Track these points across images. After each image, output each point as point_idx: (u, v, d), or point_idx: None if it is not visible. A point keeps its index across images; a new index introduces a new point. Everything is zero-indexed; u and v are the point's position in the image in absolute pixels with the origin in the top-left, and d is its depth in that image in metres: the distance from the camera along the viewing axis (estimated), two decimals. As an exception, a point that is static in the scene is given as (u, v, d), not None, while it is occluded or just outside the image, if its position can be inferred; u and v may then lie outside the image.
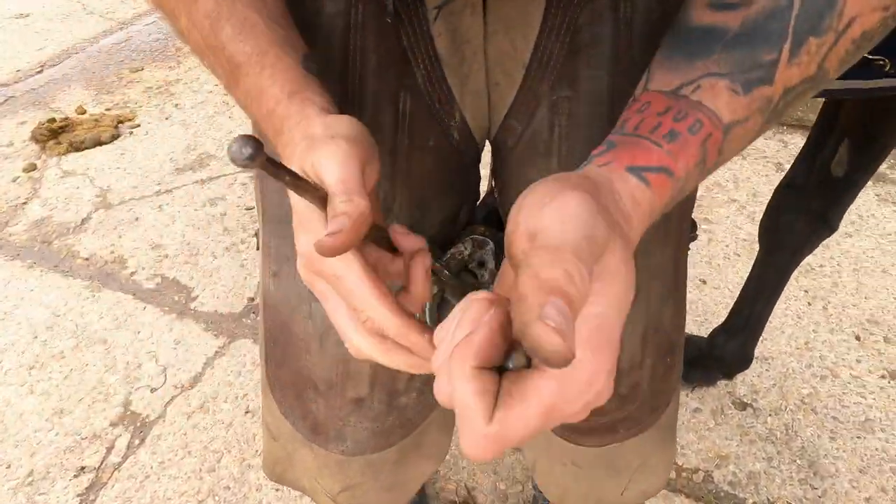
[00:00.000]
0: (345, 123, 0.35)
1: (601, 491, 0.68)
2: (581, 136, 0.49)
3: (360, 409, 0.57)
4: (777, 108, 0.35)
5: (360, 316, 0.34)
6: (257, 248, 0.61)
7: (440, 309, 0.54)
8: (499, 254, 0.52)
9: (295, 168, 0.34)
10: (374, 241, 0.36)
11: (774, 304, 1.02)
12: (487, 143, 0.57)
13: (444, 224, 0.55)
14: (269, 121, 0.37)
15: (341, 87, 0.46)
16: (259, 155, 0.25)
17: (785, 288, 1.42)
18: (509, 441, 0.25)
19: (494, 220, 0.60)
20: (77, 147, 1.84)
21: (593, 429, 0.61)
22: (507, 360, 0.26)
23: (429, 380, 0.59)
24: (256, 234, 0.62)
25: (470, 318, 0.28)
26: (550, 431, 0.63)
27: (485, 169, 0.58)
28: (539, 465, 0.71)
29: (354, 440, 0.59)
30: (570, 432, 0.62)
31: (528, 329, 0.23)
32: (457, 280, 0.52)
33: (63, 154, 1.84)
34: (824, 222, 0.88)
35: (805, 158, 0.88)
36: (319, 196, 0.31)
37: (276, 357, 0.59)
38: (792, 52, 0.33)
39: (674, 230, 0.55)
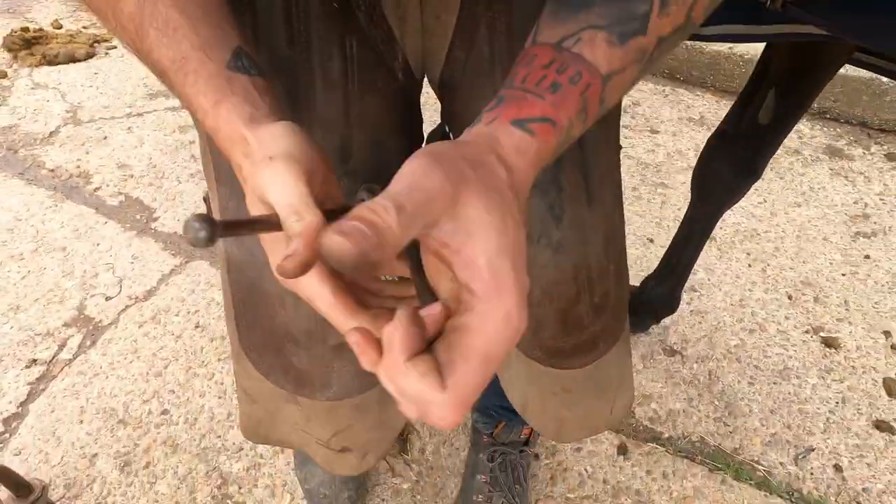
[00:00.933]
0: (278, 137, 0.34)
1: (593, 414, 0.69)
2: (513, 39, 0.49)
3: (343, 354, 0.57)
4: (652, 58, 0.38)
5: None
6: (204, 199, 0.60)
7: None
8: None
9: (248, 192, 0.35)
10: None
11: (700, 250, 1.07)
12: (429, 92, 0.57)
13: (401, 165, 0.56)
14: (206, 129, 0.37)
15: (287, 31, 0.47)
16: (216, 233, 0.26)
17: (728, 250, 1.47)
18: (468, 399, 0.28)
19: None
20: (50, 60, 1.83)
21: (577, 347, 0.61)
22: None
23: None
24: (206, 199, 0.60)
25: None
26: (538, 364, 0.63)
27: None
28: (530, 404, 0.70)
29: (340, 384, 0.59)
30: (556, 358, 0.62)
31: (322, 240, 0.26)
32: None
33: (35, 66, 1.83)
34: (749, 169, 0.92)
35: (736, 110, 0.92)
36: (277, 225, 0.31)
37: (248, 319, 0.58)
38: (662, 4, 0.36)
39: (613, 134, 0.57)
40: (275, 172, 0.32)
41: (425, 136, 0.64)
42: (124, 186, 1.56)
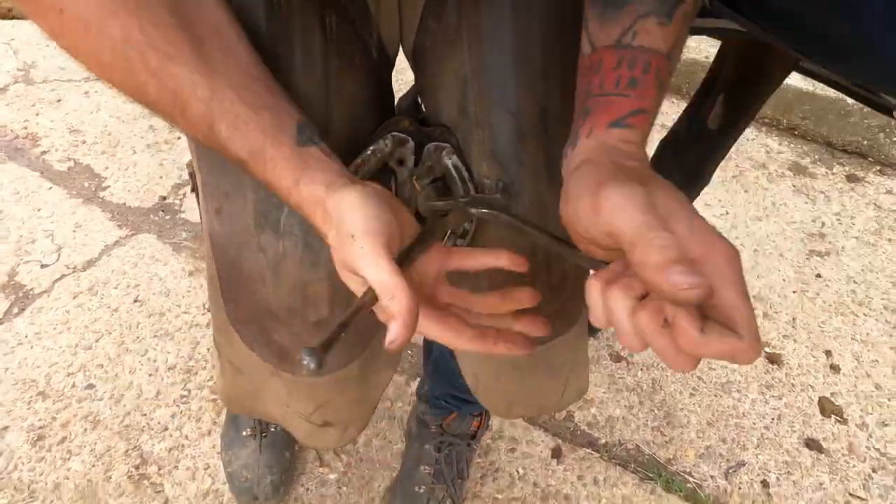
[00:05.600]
0: (356, 208, 0.38)
1: (543, 394, 0.70)
2: (481, 11, 0.50)
3: (322, 331, 0.58)
4: (693, 12, 0.41)
5: None
6: (192, 191, 0.59)
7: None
8: (418, 151, 0.53)
9: (336, 260, 0.40)
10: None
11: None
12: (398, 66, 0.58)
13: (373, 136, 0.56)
14: (293, 208, 0.41)
15: (266, 3, 0.46)
16: (324, 359, 0.33)
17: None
18: (757, 330, 0.31)
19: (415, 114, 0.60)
20: (3, 14, 1.76)
21: None
22: None
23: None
24: (191, 175, 0.60)
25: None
26: None
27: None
28: (481, 379, 0.71)
29: None
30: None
31: (678, 300, 0.30)
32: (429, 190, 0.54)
33: (-3, 13, 1.77)
34: (697, 175, 0.91)
35: (686, 116, 0.91)
36: (367, 305, 0.37)
37: (232, 294, 0.59)
38: None
39: None
40: (361, 253, 0.36)
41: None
42: (74, 152, 1.50)
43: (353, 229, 0.37)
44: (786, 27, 0.56)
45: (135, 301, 1.23)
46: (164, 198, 1.45)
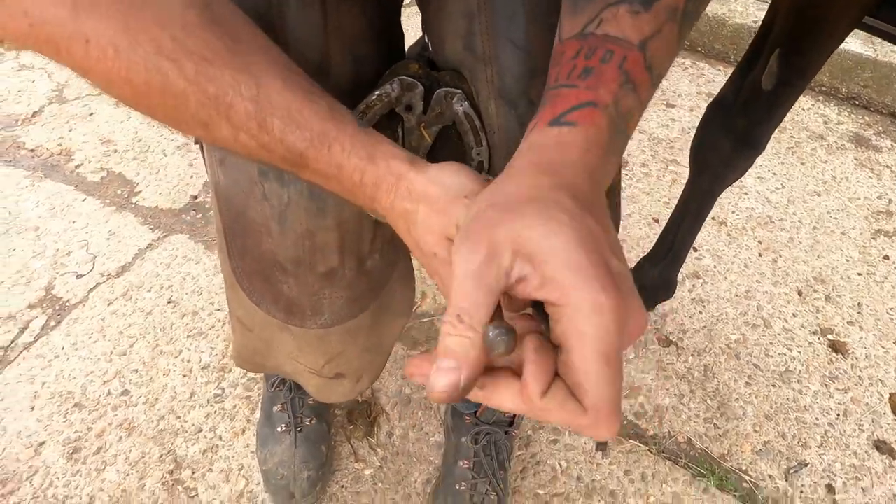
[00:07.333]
0: (464, 178, 0.38)
1: None
2: None
3: (333, 281, 0.57)
4: (686, 11, 0.36)
5: None
6: (195, 142, 0.59)
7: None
8: (427, 97, 0.51)
9: (430, 238, 0.38)
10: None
11: (697, 230, 0.98)
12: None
13: (378, 79, 0.54)
14: (359, 192, 0.39)
15: None
16: (516, 341, 0.29)
17: (739, 236, 1.37)
18: (613, 407, 0.27)
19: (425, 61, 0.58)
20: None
21: None
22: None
23: (389, 239, 0.60)
24: (199, 142, 0.60)
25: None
26: None
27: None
28: None
29: (331, 312, 0.60)
30: None
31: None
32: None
33: (22, 48, 1.82)
34: (747, 142, 0.83)
35: (737, 75, 0.82)
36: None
37: (238, 247, 0.58)
38: None
39: None
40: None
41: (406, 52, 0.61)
42: (107, 162, 1.52)
43: (465, 190, 0.37)
44: None
45: (168, 302, 1.23)
46: (195, 196, 1.44)
